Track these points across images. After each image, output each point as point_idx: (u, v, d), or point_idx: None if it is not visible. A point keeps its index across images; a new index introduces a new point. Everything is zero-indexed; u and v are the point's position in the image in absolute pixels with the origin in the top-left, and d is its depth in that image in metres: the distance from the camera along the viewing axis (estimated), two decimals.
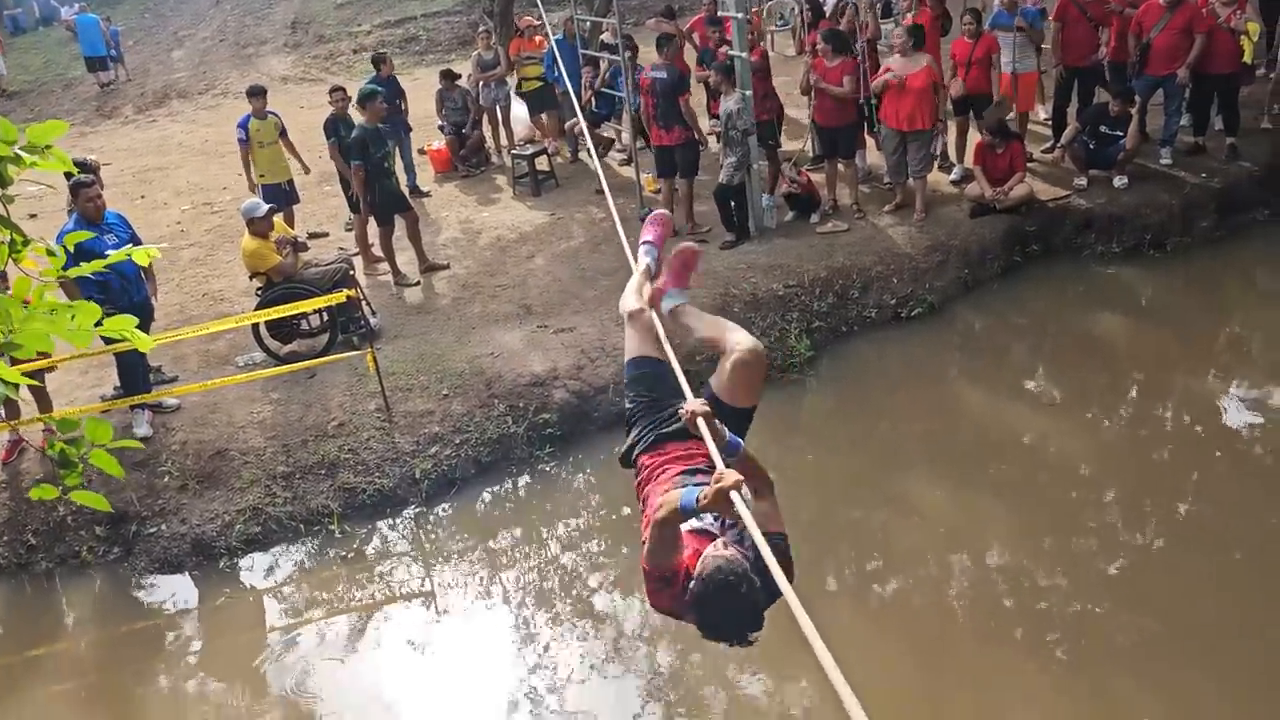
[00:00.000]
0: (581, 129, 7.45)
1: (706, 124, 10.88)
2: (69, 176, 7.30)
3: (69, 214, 7.76)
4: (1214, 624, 5.66)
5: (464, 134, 12.16)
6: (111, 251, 4.20)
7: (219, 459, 7.44)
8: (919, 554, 6.53)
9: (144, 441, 7.47)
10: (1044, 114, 11.18)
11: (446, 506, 7.39)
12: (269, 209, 8.38)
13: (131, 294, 7.15)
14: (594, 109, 11.85)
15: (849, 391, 8.36)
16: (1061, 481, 7.02)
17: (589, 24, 12.54)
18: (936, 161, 10.35)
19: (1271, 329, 8.72)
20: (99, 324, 2.20)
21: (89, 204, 7.16)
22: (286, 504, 7.18)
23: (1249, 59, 10.66)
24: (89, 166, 7.98)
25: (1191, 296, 9.17)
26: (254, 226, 8.12)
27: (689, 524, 3.14)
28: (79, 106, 18.57)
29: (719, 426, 3.15)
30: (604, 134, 12.31)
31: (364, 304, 8.52)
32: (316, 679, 6.16)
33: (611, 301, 8.63)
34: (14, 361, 5.35)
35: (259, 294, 8.29)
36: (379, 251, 9.63)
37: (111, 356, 7.52)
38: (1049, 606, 6.04)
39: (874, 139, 10.41)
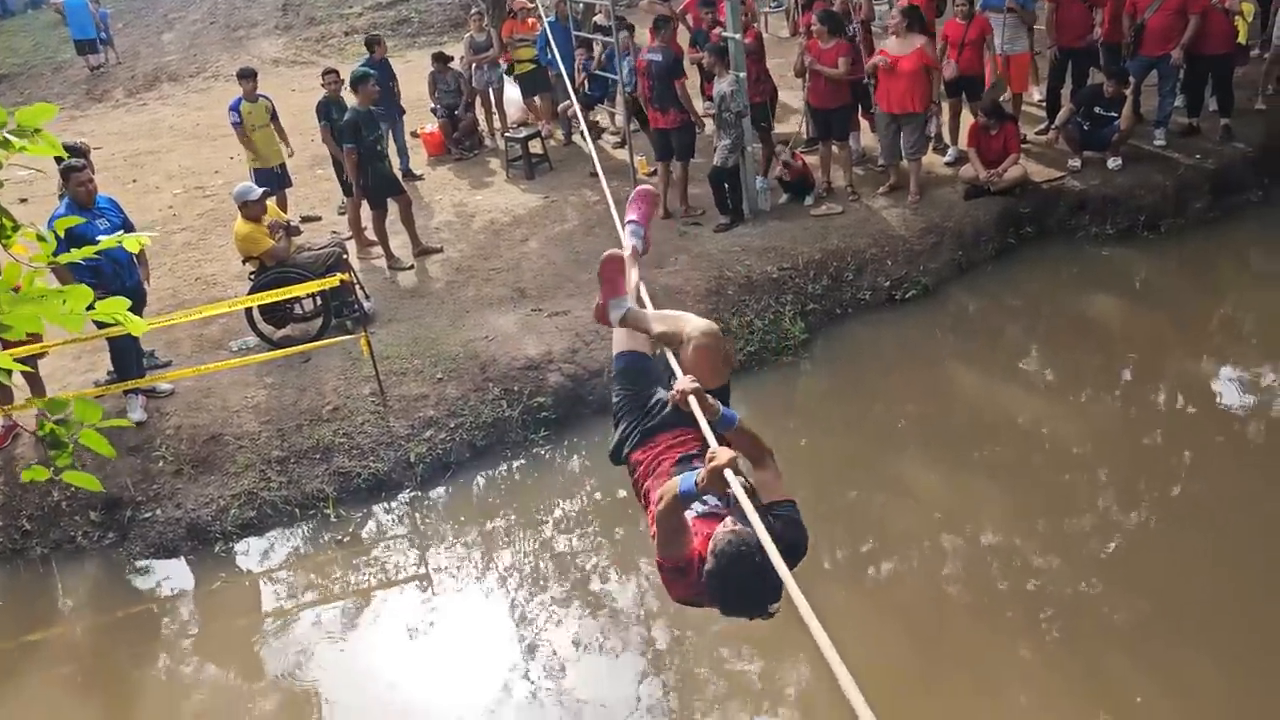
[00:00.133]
0: (575, 111, 7.42)
1: (701, 106, 10.85)
2: (59, 161, 7.26)
3: (60, 199, 7.72)
4: (1207, 603, 5.70)
5: (457, 117, 12.11)
6: (103, 237, 4.18)
7: (213, 444, 7.43)
8: (914, 535, 6.56)
9: (138, 426, 7.46)
10: (1038, 95, 11.15)
11: (441, 490, 7.40)
12: (263, 192, 8.35)
13: (124, 278, 7.13)
14: (587, 91, 11.81)
15: (843, 374, 8.37)
16: (1055, 462, 7.04)
17: (582, 6, 12.48)
18: (932, 144, 10.33)
19: (1265, 310, 8.74)
20: (90, 307, 2.18)
21: (80, 188, 7.12)
22: (281, 488, 7.18)
23: (1243, 39, 10.66)
24: (79, 150, 7.93)
25: (1185, 278, 9.18)
26: (247, 210, 8.09)
27: (694, 510, 3.12)
28: (69, 90, 18.44)
29: (711, 401, 3.14)
30: (595, 118, 12.28)
31: (357, 288, 8.50)
32: (313, 663, 6.17)
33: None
34: (5, 345, 5.34)
35: (252, 278, 8.26)
36: (372, 235, 9.61)
37: (104, 342, 7.51)
38: (1043, 587, 6.07)
39: (869, 121, 10.39)
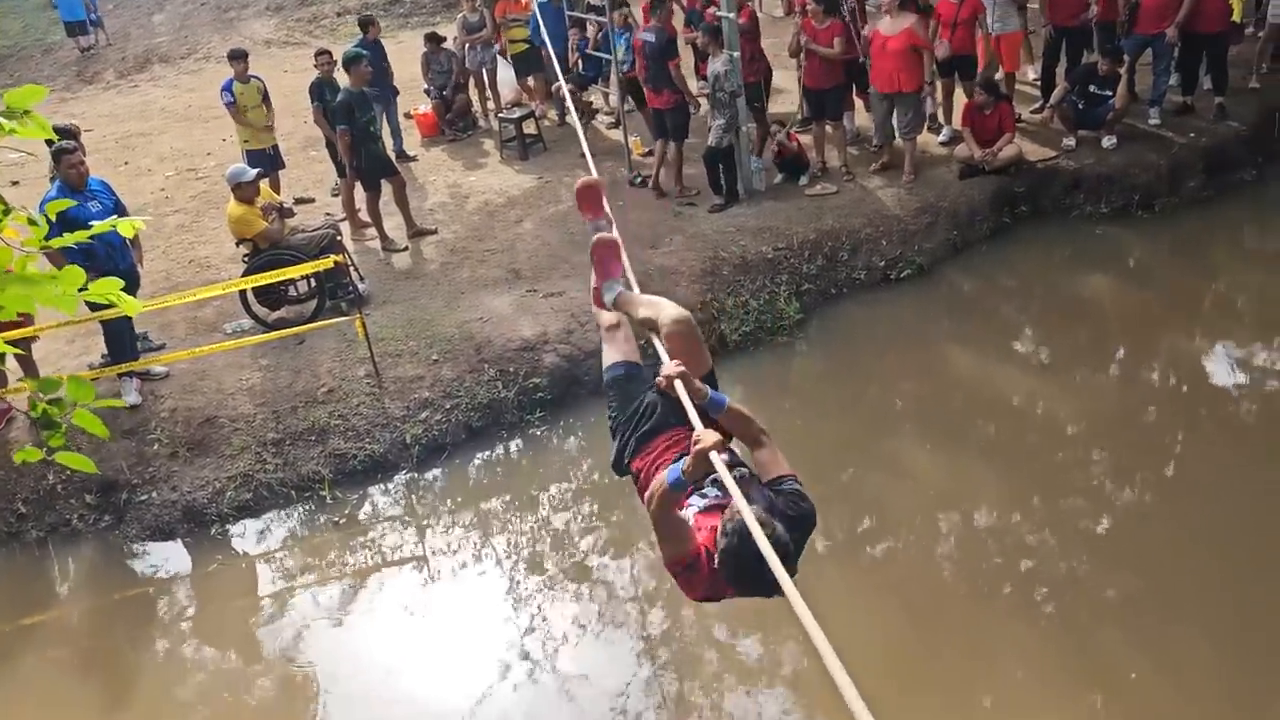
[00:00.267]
0: (564, 92, 7.39)
1: (695, 86, 10.81)
2: (50, 143, 7.23)
3: (51, 181, 7.69)
4: (1200, 580, 5.74)
5: (450, 97, 12.05)
6: (96, 220, 4.15)
7: (209, 426, 7.44)
8: (908, 515, 6.58)
9: (133, 409, 7.46)
10: (1033, 74, 11.12)
11: (437, 471, 7.41)
12: (257, 173, 8.31)
13: (117, 261, 7.10)
14: (581, 71, 11.76)
15: (838, 354, 8.38)
16: (1050, 442, 7.07)
17: None
18: (926, 123, 10.31)
19: (1258, 289, 8.76)
20: (83, 289, 2.18)
21: (71, 171, 7.09)
22: (277, 470, 7.18)
23: (1238, 18, 10.63)
24: (70, 132, 7.89)
25: (1179, 257, 9.19)
26: (239, 192, 8.06)
27: (695, 505, 3.10)
28: (59, 72, 18.30)
29: (698, 385, 3.14)
30: (590, 98, 12.23)
31: (352, 269, 8.48)
32: (310, 644, 6.20)
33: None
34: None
35: (246, 260, 8.24)
36: (366, 217, 9.58)
37: (98, 325, 7.49)
38: (1037, 565, 6.11)
39: (864, 100, 10.36)
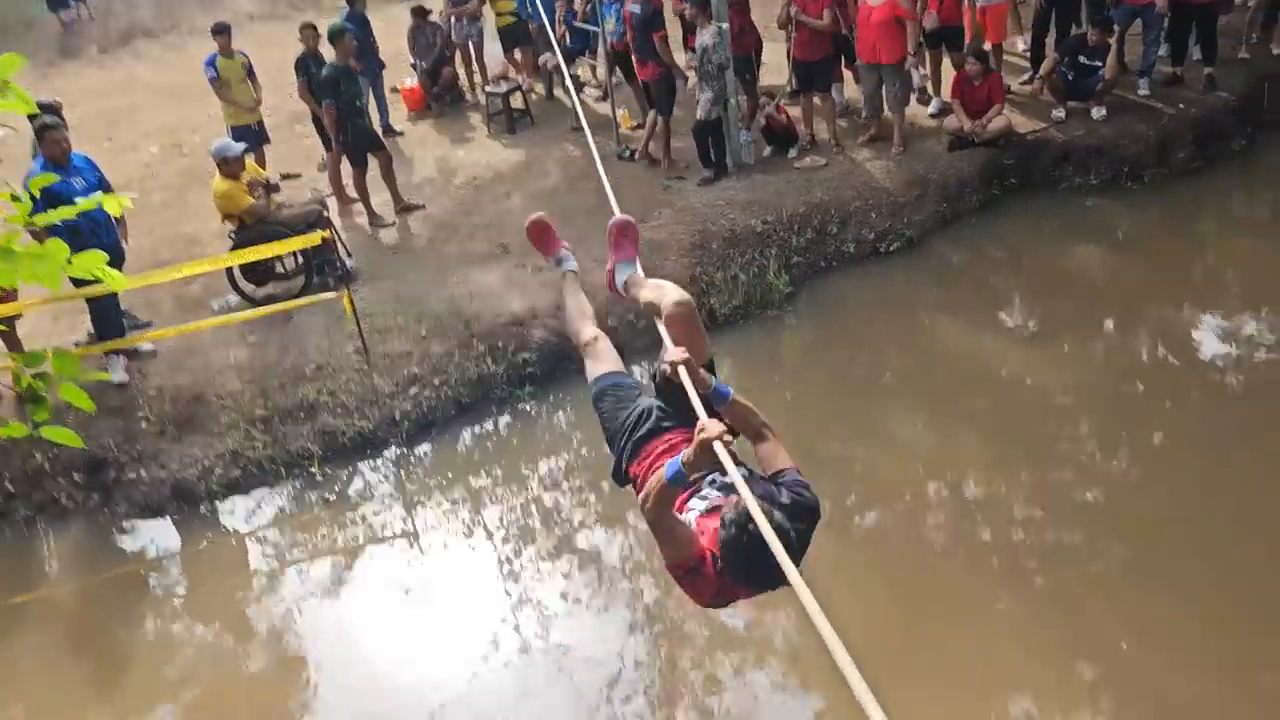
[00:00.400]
0: (557, 64, 7.33)
1: (683, 58, 10.74)
2: (32, 119, 7.14)
3: (33, 158, 7.60)
4: (1188, 550, 5.77)
5: (437, 71, 11.95)
6: (80, 196, 4.10)
7: (197, 403, 7.40)
8: (897, 487, 6.60)
9: (120, 387, 7.41)
10: (1022, 45, 11.08)
11: (427, 447, 7.40)
12: (242, 148, 8.23)
13: (101, 237, 7.02)
14: (568, 44, 11.66)
15: (828, 327, 8.37)
16: (1038, 413, 7.09)
17: None
18: (915, 95, 10.28)
19: (1246, 260, 8.78)
20: (68, 263, 2.15)
21: (55, 147, 7.00)
22: (266, 447, 7.16)
23: None
24: (53, 108, 7.80)
25: (1168, 228, 9.19)
26: (225, 168, 7.98)
27: (695, 509, 3.04)
28: (41, 46, 18.05)
29: (704, 375, 3.09)
30: (576, 71, 12.14)
31: (339, 245, 8.43)
32: (301, 621, 6.21)
33: (590, 240, 8.55)
34: None
35: (232, 237, 8.18)
36: (353, 192, 9.51)
37: (83, 303, 7.43)
38: (1025, 535, 6.14)
39: (852, 72, 10.31)
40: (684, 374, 3.03)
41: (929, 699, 5.10)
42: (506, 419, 7.62)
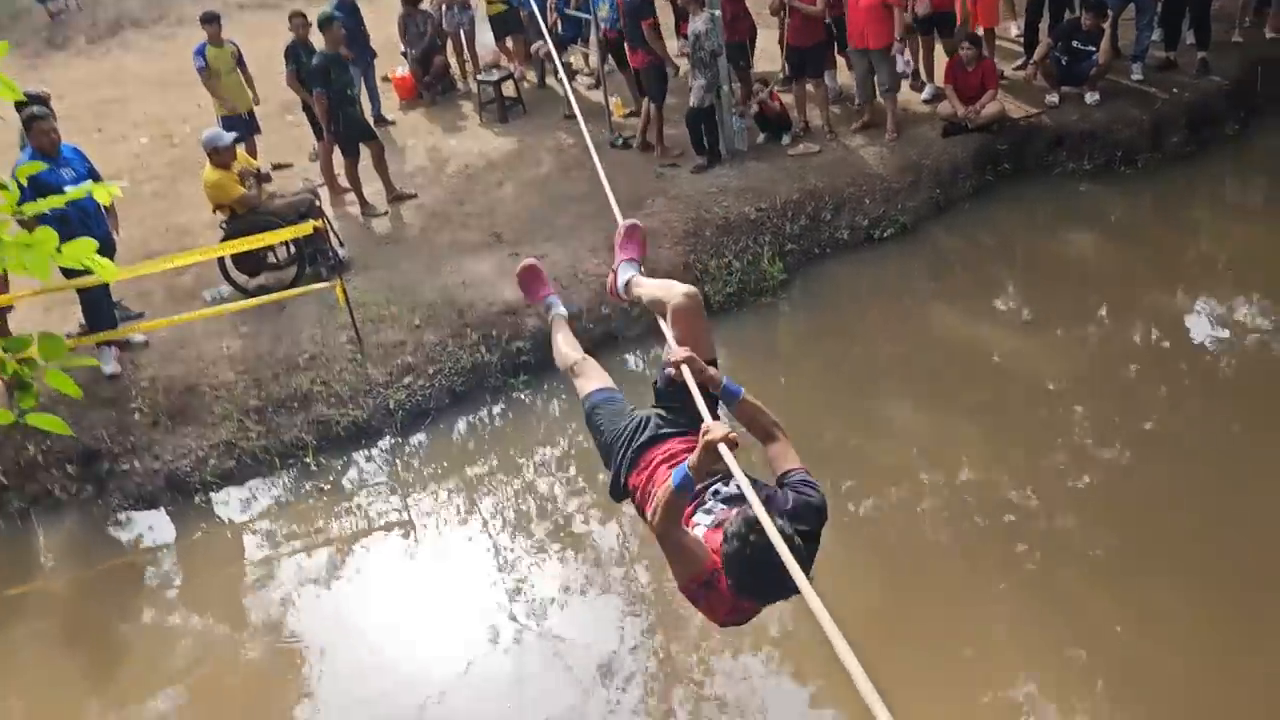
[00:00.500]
0: (548, 52, 7.29)
1: (675, 45, 10.70)
2: (19, 109, 7.10)
3: (21, 149, 7.55)
4: (1182, 535, 5.79)
5: (428, 60, 11.88)
6: (70, 187, 4.07)
7: (190, 394, 7.38)
8: (892, 473, 6.61)
9: (112, 379, 7.39)
10: (1015, 30, 11.06)
11: (422, 436, 7.39)
12: (234, 137, 8.19)
13: (91, 229, 6.96)
14: (559, 32, 11.60)
15: (822, 314, 8.37)
16: (1032, 400, 7.09)
17: None
18: (908, 80, 10.26)
19: (1239, 244, 8.78)
20: (57, 252, 2.13)
21: (43, 137, 6.96)
22: (260, 438, 7.14)
23: None
24: (41, 99, 7.73)
25: (1161, 213, 9.19)
26: (216, 158, 7.93)
27: (703, 524, 2.97)
28: (28, 38, 17.93)
29: (711, 373, 3.04)
30: (569, 59, 12.08)
31: (331, 235, 8.39)
32: (297, 611, 6.20)
33: (582, 227, 8.57)
34: None
35: (223, 227, 8.14)
36: (345, 182, 9.46)
37: (74, 294, 7.39)
38: (1019, 522, 6.15)
39: (845, 59, 10.28)
40: (688, 373, 2.99)
41: (924, 685, 5.11)
42: (501, 407, 7.61)
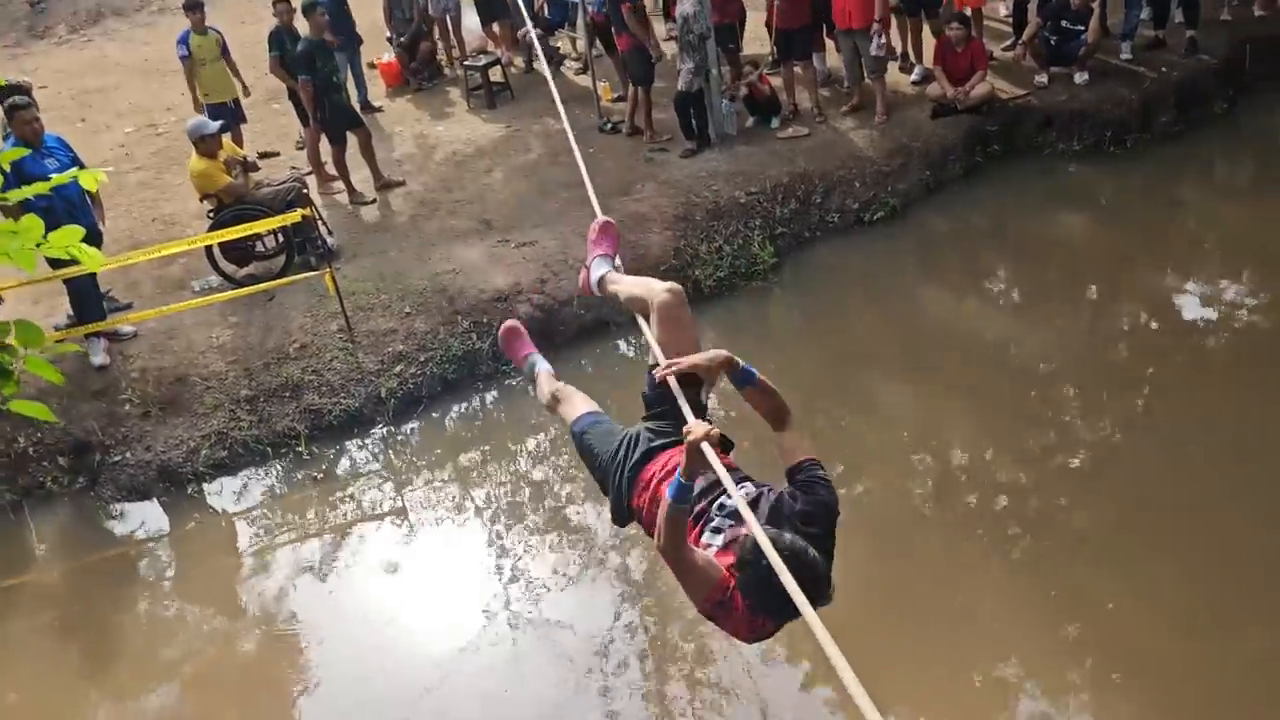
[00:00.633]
0: (533, 38, 7.23)
1: (664, 29, 10.66)
2: (1, 99, 7.04)
3: (4, 139, 7.48)
4: (1172, 511, 5.81)
5: (414, 46, 11.81)
6: (54, 175, 4.02)
7: (180, 385, 7.34)
8: (883, 454, 6.62)
9: (101, 370, 7.35)
10: (1004, 10, 11.05)
11: (414, 424, 7.37)
12: (219, 125, 8.12)
13: (77, 219, 6.92)
14: (546, 16, 11.55)
15: (813, 297, 8.37)
16: (1023, 379, 7.11)
17: None
18: (896, 63, 10.23)
19: (1227, 223, 8.80)
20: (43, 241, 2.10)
21: (26, 127, 6.89)
22: (252, 427, 7.12)
23: None
24: (22, 89, 7.67)
25: (1151, 193, 9.20)
26: (201, 147, 7.87)
27: (714, 543, 2.92)
28: (9, 27, 17.78)
29: (720, 356, 2.96)
30: (556, 43, 12.03)
31: (320, 224, 8.35)
32: (293, 600, 6.19)
33: (570, 213, 8.53)
34: None
35: (210, 217, 8.08)
36: (332, 170, 9.41)
37: (62, 285, 7.34)
38: (1011, 500, 6.17)
39: (833, 41, 10.25)
40: (673, 383, 2.97)
41: (914, 664, 5.13)
42: (493, 395, 7.59)
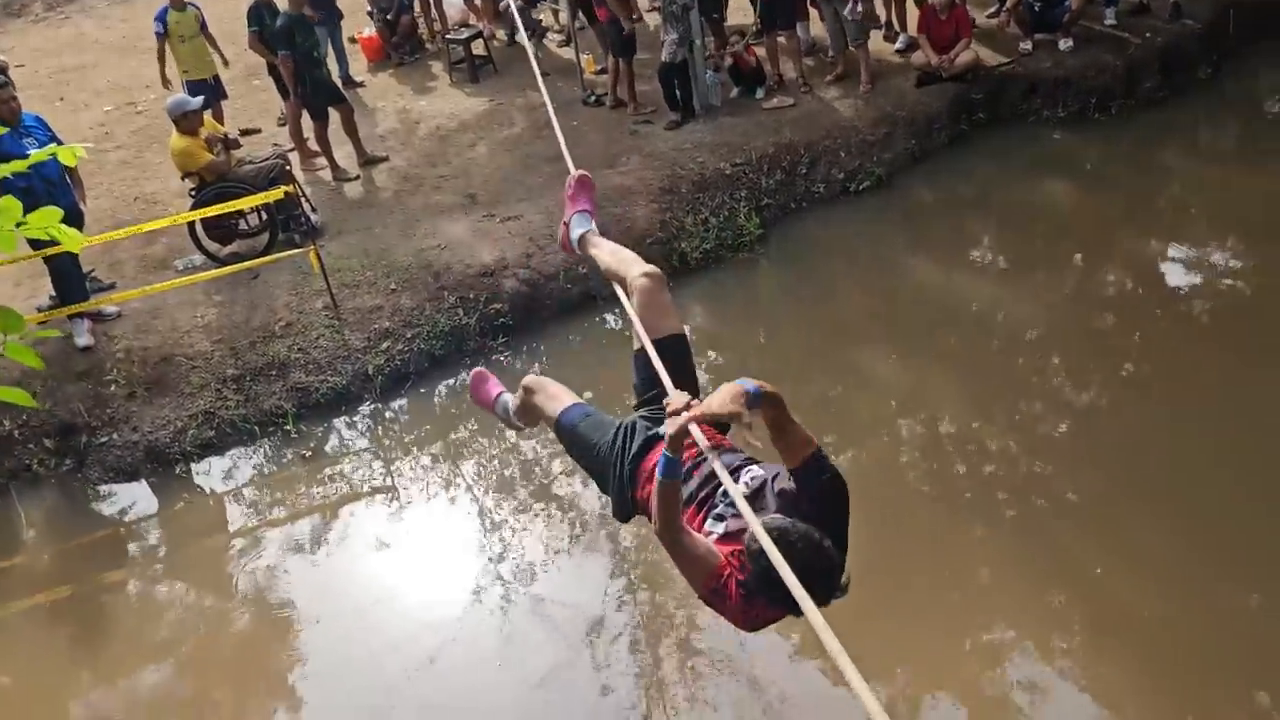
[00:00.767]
0: (514, 10, 7.18)
1: None
2: None
3: None
4: (1158, 476, 5.86)
5: (395, 20, 11.69)
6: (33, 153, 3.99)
7: (166, 365, 7.31)
8: (872, 423, 6.65)
9: (85, 351, 7.31)
10: None
11: (402, 401, 7.36)
12: (200, 103, 8.04)
13: (57, 199, 6.85)
14: None
15: (800, 267, 8.36)
16: (1010, 347, 7.14)
17: None
18: (880, 31, 10.19)
19: (1212, 188, 8.82)
20: (21, 223, 2.08)
21: (3, 106, 6.81)
22: (239, 407, 7.10)
23: None
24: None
25: (1136, 159, 9.21)
26: (182, 124, 7.79)
27: (715, 530, 2.88)
28: None
29: (736, 393, 2.61)
30: (539, 16, 11.94)
31: (303, 200, 8.29)
32: (284, 578, 6.19)
33: (557, 187, 8.42)
34: None
35: (192, 195, 8.02)
36: (315, 146, 9.33)
37: (44, 267, 7.29)
38: (999, 468, 6.21)
39: (817, 10, 10.19)
40: (654, 356, 2.92)
41: (905, 631, 5.17)
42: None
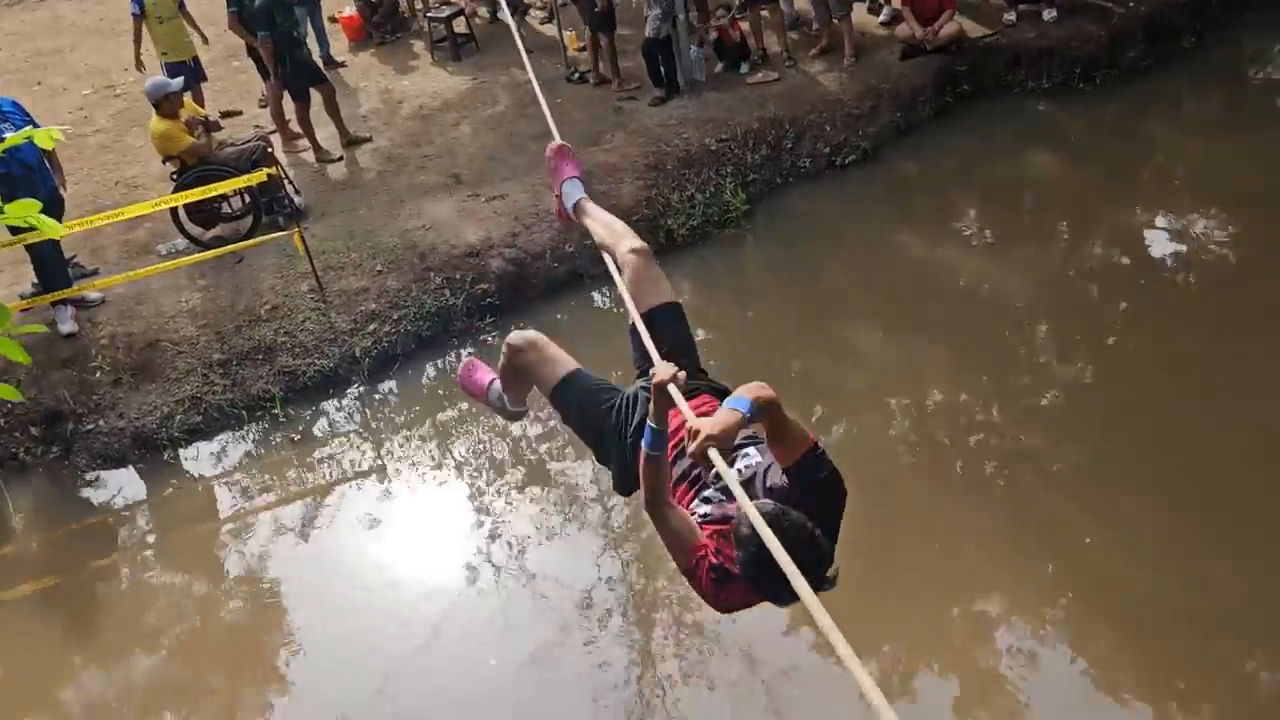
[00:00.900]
0: None
1: None
2: None
3: None
4: (1145, 446, 5.90)
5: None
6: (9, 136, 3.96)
7: (151, 350, 7.27)
8: (859, 397, 6.67)
9: (70, 338, 7.27)
10: None
11: (390, 383, 7.35)
12: (179, 84, 7.95)
13: (36, 185, 6.80)
14: None
15: (787, 242, 8.35)
16: (996, 319, 7.16)
17: None
18: (864, 4, 10.14)
19: (1196, 158, 8.83)
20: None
21: None
22: (226, 391, 7.07)
23: None
24: None
25: (1120, 130, 9.21)
26: (163, 107, 7.72)
27: (701, 511, 2.81)
28: None
29: (727, 419, 2.43)
30: None
31: (286, 183, 8.23)
32: (275, 562, 6.20)
33: (542, 166, 8.43)
34: None
35: (174, 178, 7.95)
36: (297, 127, 9.26)
37: (25, 253, 7.23)
38: (987, 441, 6.24)
39: None
40: (641, 329, 2.95)
41: (894, 602, 5.22)
42: (468, 350, 7.56)
